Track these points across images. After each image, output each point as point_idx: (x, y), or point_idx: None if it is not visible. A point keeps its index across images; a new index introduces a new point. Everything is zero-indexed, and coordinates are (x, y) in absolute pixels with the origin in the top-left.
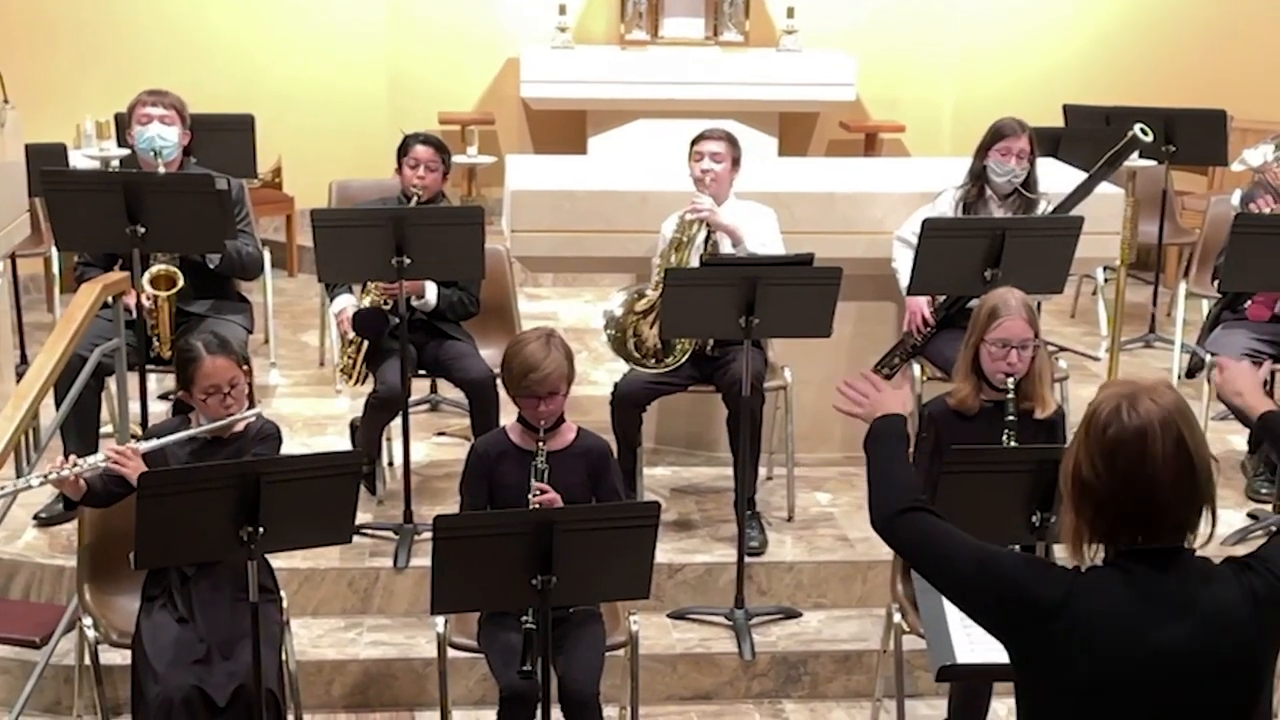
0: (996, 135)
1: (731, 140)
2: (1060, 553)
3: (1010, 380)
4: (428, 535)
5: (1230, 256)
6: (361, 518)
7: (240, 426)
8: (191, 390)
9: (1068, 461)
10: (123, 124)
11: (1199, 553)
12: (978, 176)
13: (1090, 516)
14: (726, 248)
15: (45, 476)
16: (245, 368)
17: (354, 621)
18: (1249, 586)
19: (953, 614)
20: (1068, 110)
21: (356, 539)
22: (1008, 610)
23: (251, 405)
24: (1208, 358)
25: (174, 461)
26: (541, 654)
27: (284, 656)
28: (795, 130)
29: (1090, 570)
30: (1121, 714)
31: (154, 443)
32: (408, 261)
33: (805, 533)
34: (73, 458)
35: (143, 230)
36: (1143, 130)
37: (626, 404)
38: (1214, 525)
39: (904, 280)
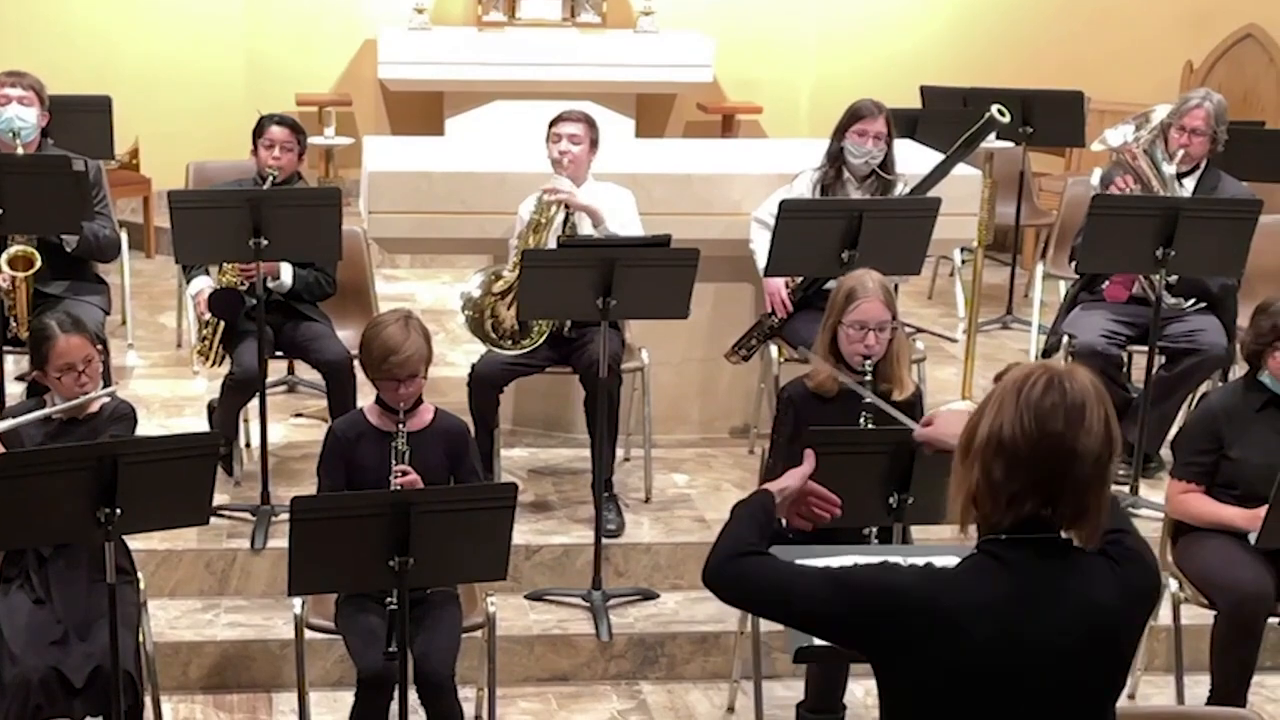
0: (854, 116)
1: (589, 122)
2: (918, 534)
3: (868, 362)
4: (285, 516)
5: (1087, 238)
6: (219, 499)
7: (95, 406)
8: (46, 369)
9: (981, 424)
10: None
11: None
12: (835, 158)
13: (1000, 477)
14: (586, 229)
15: None
16: (100, 347)
17: (211, 603)
18: (1122, 578)
19: None
20: (925, 91)
21: (214, 520)
22: (870, 619)
23: (107, 385)
24: (1065, 339)
25: (29, 442)
26: (400, 636)
27: (141, 638)
28: (652, 111)
29: (963, 561)
30: (986, 703)
31: (8, 423)
32: (265, 243)
33: (662, 514)
34: None
35: (0, 212)
36: (1000, 111)
37: (484, 385)
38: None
39: (761, 262)
